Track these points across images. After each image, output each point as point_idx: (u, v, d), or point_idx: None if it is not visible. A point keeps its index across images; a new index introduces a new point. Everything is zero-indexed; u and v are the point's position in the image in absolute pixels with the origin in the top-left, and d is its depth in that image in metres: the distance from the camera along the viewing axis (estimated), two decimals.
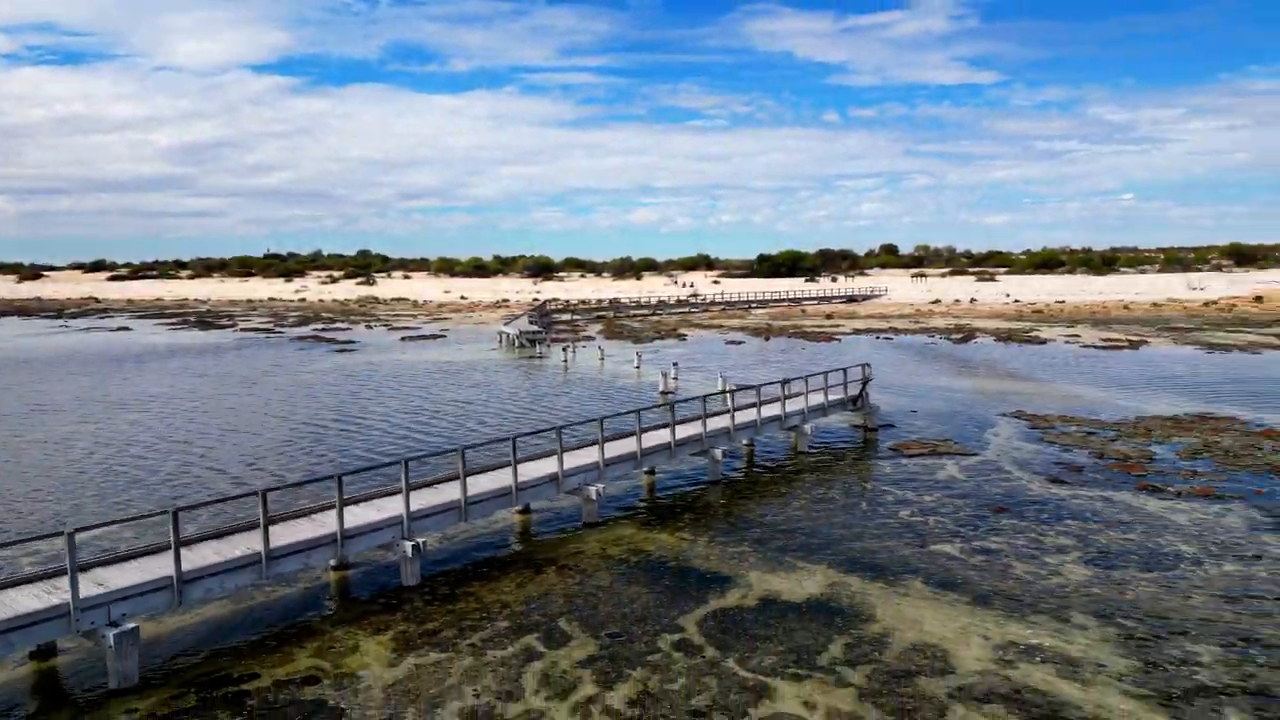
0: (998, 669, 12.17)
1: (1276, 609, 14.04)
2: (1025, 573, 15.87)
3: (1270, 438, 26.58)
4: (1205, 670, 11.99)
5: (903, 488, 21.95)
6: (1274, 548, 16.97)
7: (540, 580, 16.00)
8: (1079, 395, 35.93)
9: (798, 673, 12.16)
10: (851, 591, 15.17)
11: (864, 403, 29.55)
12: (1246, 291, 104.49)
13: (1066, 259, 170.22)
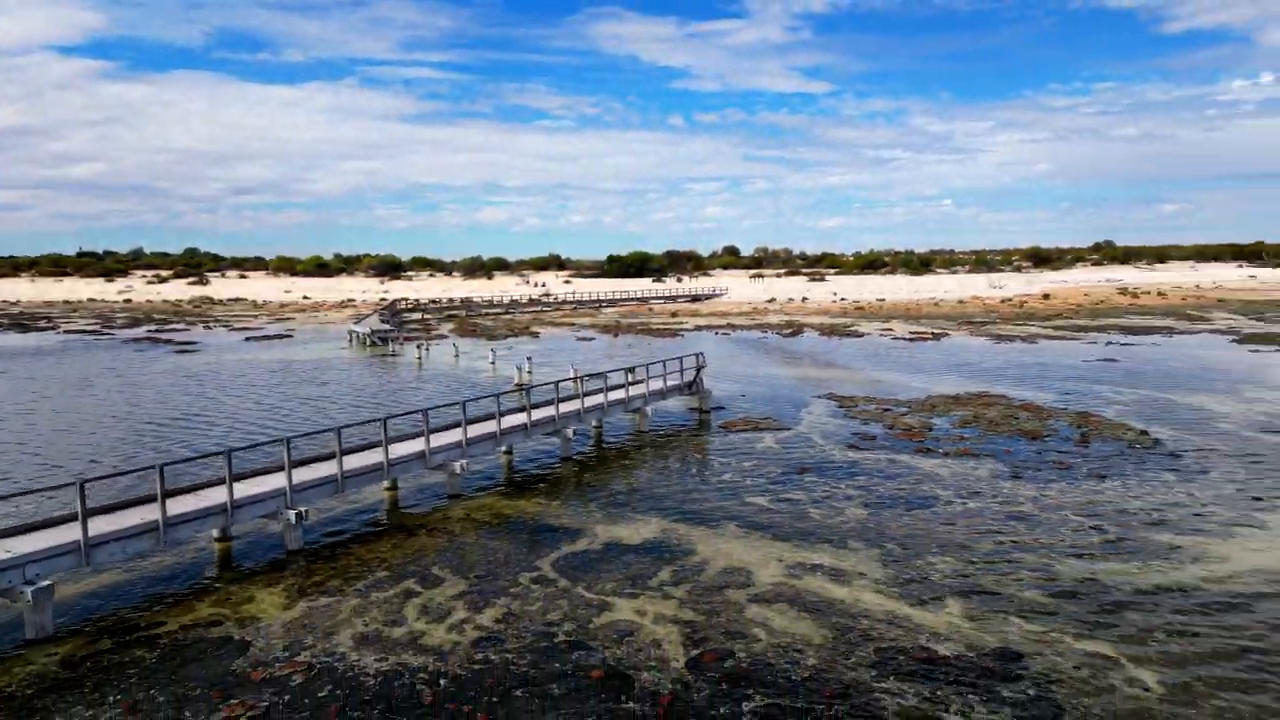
0: (787, 581, 15.58)
1: (997, 531, 18.27)
2: (817, 515, 19.56)
3: (1026, 410, 32.10)
4: (937, 575, 15.84)
5: (727, 456, 25.51)
6: (1007, 490, 21.50)
7: (413, 541, 18.23)
8: (882, 379, 41.15)
9: (633, 592, 15.12)
10: (679, 535, 18.33)
11: (698, 388, 33.13)
12: (1038, 290, 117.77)
13: (889, 260, 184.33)
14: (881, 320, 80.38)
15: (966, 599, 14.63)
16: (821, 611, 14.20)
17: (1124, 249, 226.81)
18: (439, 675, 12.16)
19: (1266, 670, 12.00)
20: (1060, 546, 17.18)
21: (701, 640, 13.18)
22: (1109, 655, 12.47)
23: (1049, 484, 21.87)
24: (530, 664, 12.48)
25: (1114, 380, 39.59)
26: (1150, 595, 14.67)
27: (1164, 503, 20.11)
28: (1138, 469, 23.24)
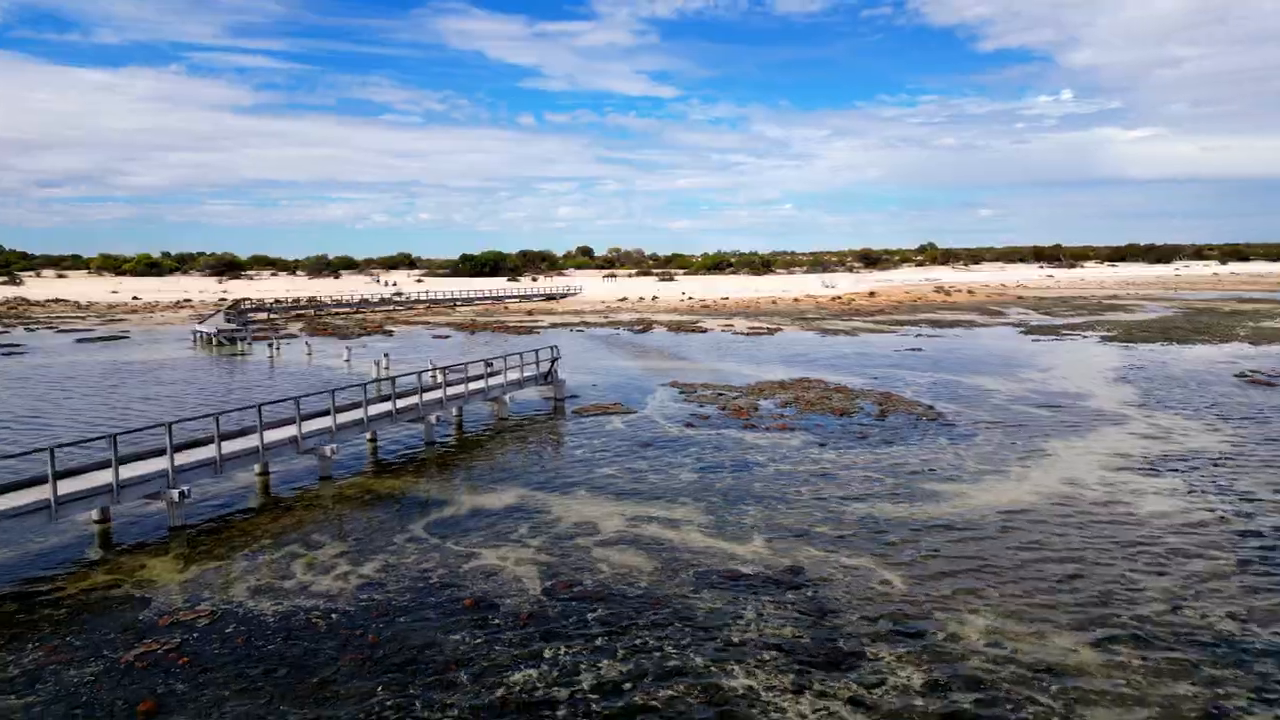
0: (627, 529, 18.52)
1: (801, 486, 21.95)
2: (655, 479, 22.67)
3: (839, 392, 36.66)
4: (749, 519, 19.22)
5: (579, 437, 28.31)
6: (814, 455, 25.38)
7: (290, 515, 19.95)
8: (721, 369, 45.17)
9: (496, 544, 17.63)
10: (536, 500, 20.95)
11: (553, 378, 35.76)
12: (865, 289, 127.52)
13: (734, 261, 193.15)
14: (725, 317, 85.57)
15: (769, 534, 18.04)
16: (654, 550, 17.20)
17: (944, 250, 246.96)
18: (330, 611, 14.28)
19: (985, 571, 15.94)
20: (849, 495, 21.01)
21: (555, 575, 15.88)
22: (870, 567, 16.11)
23: (849, 450, 25.97)
24: (410, 599, 14.79)
25: (916, 366, 45.24)
26: (911, 526, 18.58)
27: (935, 460, 24.51)
28: (920, 436, 27.79)
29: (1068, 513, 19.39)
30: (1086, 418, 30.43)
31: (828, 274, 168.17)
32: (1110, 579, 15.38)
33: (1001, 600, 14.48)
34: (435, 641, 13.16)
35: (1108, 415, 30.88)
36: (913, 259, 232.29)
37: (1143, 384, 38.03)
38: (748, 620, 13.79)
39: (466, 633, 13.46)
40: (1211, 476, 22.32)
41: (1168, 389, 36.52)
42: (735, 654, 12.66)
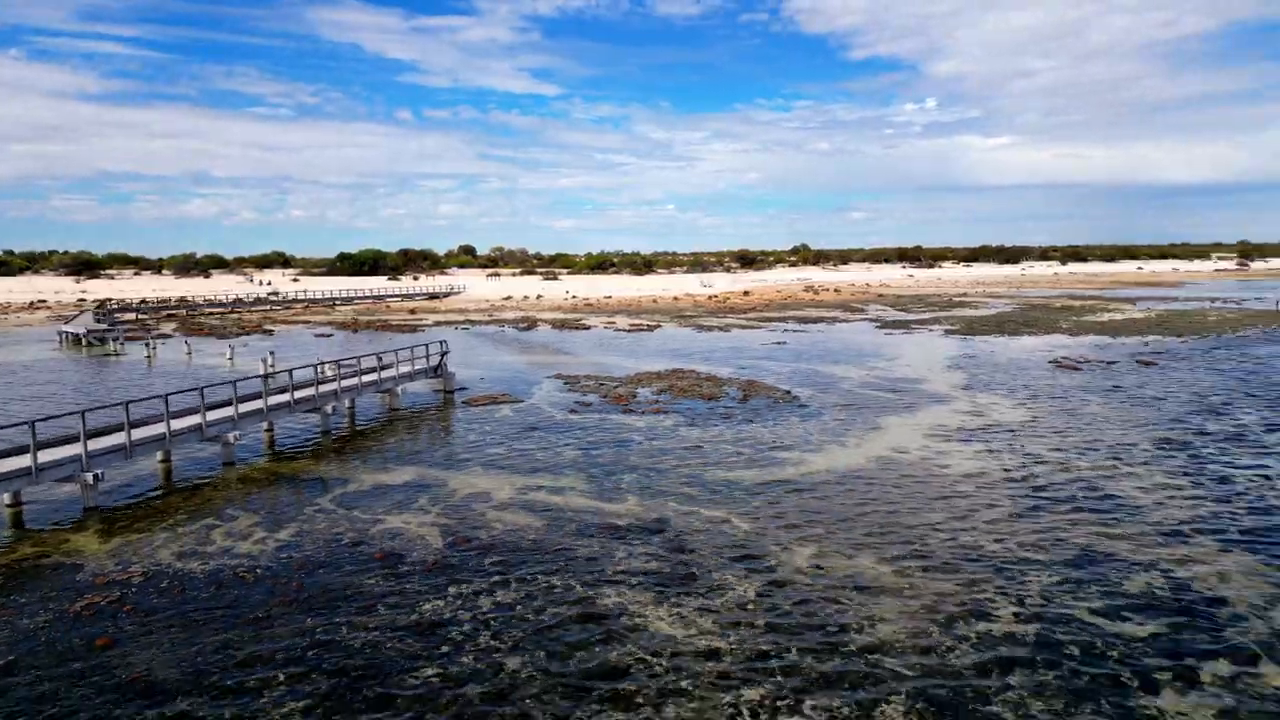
0: (517, 496, 21.04)
1: (671, 458, 24.97)
2: (542, 456, 25.24)
3: (709, 380, 40.11)
4: (625, 485, 22.05)
5: (470, 423, 30.53)
6: (684, 433, 28.49)
7: (201, 494, 21.46)
8: (603, 362, 48.03)
9: (399, 512, 19.82)
10: (433, 476, 23.16)
11: (443, 371, 37.69)
12: (740, 288, 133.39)
13: (617, 261, 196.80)
14: (608, 315, 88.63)
15: (641, 495, 20.94)
16: (541, 512, 19.80)
17: (817, 252, 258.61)
18: (254, 567, 16.21)
19: (816, 517, 19.29)
20: (711, 463, 24.18)
21: (454, 533, 18.26)
22: (724, 517, 19.23)
23: (714, 427, 29.25)
24: (326, 555, 16.87)
25: (780, 358, 49.40)
26: (761, 485, 21.86)
27: (787, 434, 28.07)
28: (776, 415, 31.40)
29: (889, 472, 23.15)
30: (918, 398, 34.88)
31: (706, 274, 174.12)
32: (913, 520, 19.02)
33: (826, 537, 17.83)
34: (354, 585, 15.36)
35: (936, 396, 35.45)
36: (787, 260, 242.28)
37: (971, 370, 43.23)
38: (619, 558, 16.60)
39: (380, 578, 15.70)
40: (1008, 442, 26.71)
41: (990, 374, 41.74)
42: (608, 581, 15.43)
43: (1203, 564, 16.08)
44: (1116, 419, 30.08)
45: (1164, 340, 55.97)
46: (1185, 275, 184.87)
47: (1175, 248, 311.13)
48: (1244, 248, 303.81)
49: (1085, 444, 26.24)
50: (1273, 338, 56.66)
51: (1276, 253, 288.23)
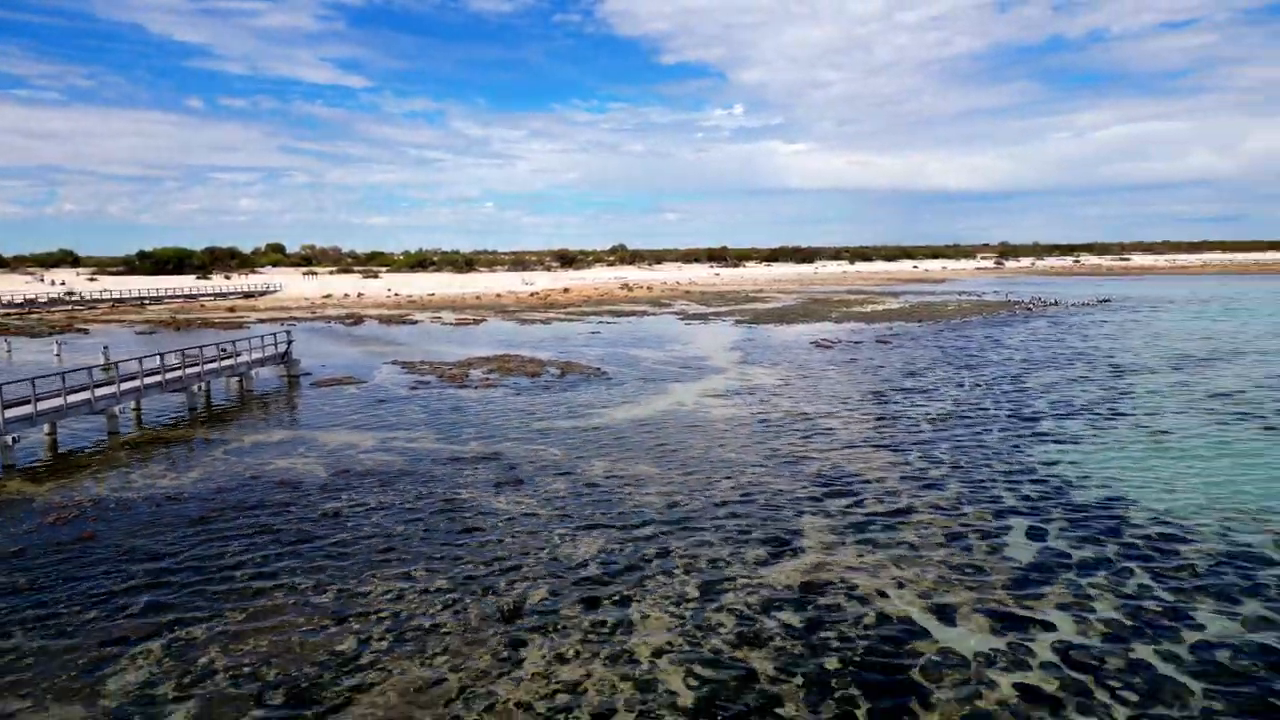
0: (380, 446, 26.65)
1: (503, 416, 31.24)
2: (394, 419, 30.79)
3: (532, 362, 46.49)
4: (467, 435, 28.12)
5: (324, 399, 35.36)
6: (511, 400, 34.78)
7: (104, 455, 25.52)
8: (435, 350, 53.28)
9: (284, 458, 24.95)
10: (304, 435, 28.23)
11: (289, 358, 41.85)
12: (561, 286, 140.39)
13: (437, 260, 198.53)
14: (433, 311, 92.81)
15: (480, 441, 27.15)
16: (402, 453, 25.57)
17: (633, 251, 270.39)
18: (179, 494, 21.08)
19: (612, 447, 26.25)
20: (535, 418, 30.67)
21: (336, 467, 23.73)
22: (544, 448, 25.81)
23: (536, 395, 35.75)
24: (236, 484, 21.96)
25: (594, 344, 56.60)
26: (574, 430, 28.58)
27: (596, 398, 35.04)
28: (589, 385, 38.33)
29: (669, 418, 30.61)
30: (701, 371, 43.02)
31: (527, 273, 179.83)
32: (679, 445, 26.40)
33: (618, 457, 24.82)
34: (267, 498, 20.68)
35: (715, 369, 43.75)
36: (605, 259, 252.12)
37: (747, 350, 52.24)
38: (467, 475, 22.82)
39: (286, 493, 21.08)
40: (760, 398, 35.00)
41: (762, 353, 50.85)
42: (460, 486, 21.65)
43: (861, 461, 24.38)
44: (844, 381, 39.33)
45: (906, 325, 68.09)
46: (951, 273, 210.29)
47: (947, 248, 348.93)
48: (1003, 248, 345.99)
49: (815, 397, 34.96)
50: (989, 322, 70.21)
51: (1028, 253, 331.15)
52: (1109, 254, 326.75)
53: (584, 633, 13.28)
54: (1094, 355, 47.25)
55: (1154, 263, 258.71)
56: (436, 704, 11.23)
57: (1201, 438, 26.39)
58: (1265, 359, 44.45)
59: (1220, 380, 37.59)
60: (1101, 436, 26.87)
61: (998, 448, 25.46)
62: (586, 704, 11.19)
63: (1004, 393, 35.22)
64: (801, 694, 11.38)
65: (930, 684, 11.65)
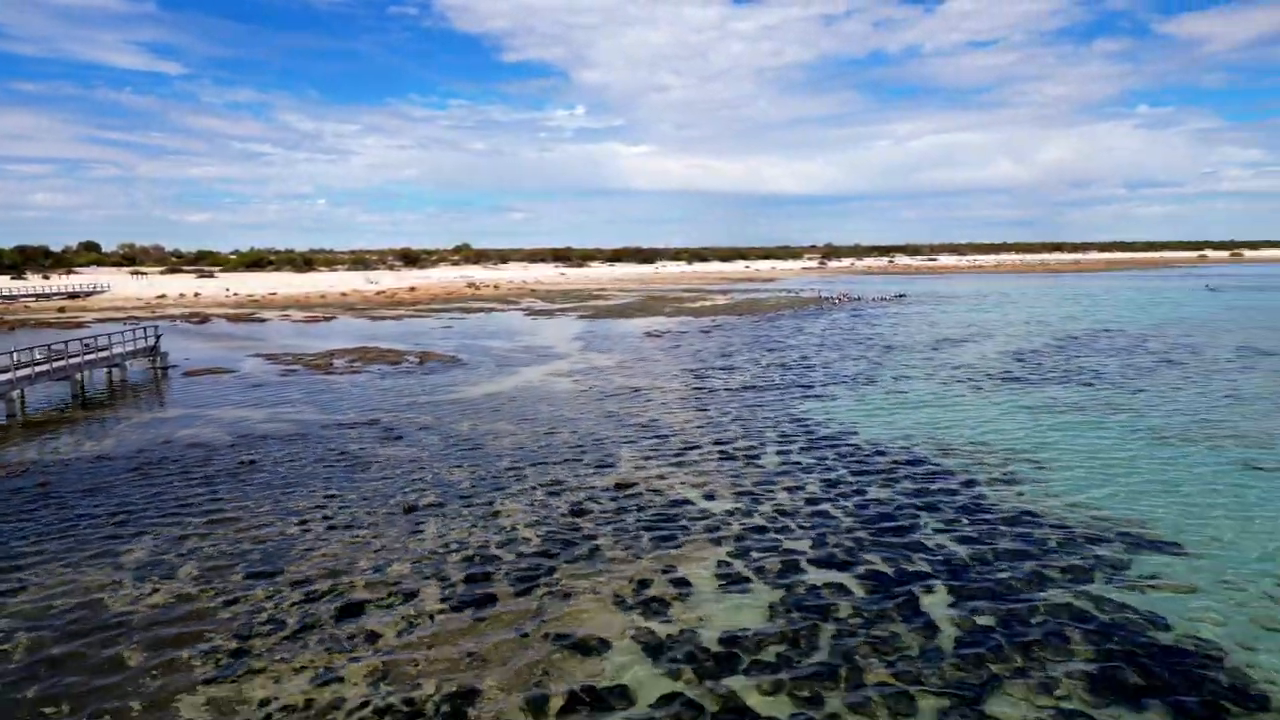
0: (269, 418, 31.05)
1: (369, 395, 36.06)
2: (274, 399, 35.01)
3: (391, 352, 50.96)
4: (344, 408, 32.89)
5: (200, 387, 38.83)
6: (377, 383, 39.53)
7: (7, 433, 28.64)
8: (294, 344, 56.52)
9: (186, 428, 29.03)
10: (198, 412, 32.13)
11: (158, 352, 44.52)
12: (406, 285, 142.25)
13: (274, 259, 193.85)
14: (279, 310, 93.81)
15: (358, 412, 32.04)
16: (291, 423, 30.14)
17: (478, 251, 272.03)
18: (108, 455, 25.06)
19: (471, 412, 31.86)
20: (403, 395, 35.72)
21: (237, 433, 28.13)
22: (414, 416, 31.08)
23: (400, 379, 40.66)
24: (154, 447, 26.07)
25: (449, 337, 61.43)
26: (439, 402, 33.90)
27: (455, 380, 40.36)
28: (447, 370, 43.53)
29: (521, 392, 36.49)
30: (548, 357, 49.09)
31: (371, 272, 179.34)
32: (529, 410, 32.36)
33: (479, 419, 30.49)
34: (186, 455, 25.04)
35: (560, 355, 49.95)
36: (450, 259, 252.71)
37: (589, 340, 58.79)
38: (352, 436, 27.87)
39: (201, 452, 25.49)
40: (597, 377, 41.47)
41: (602, 342, 57.52)
42: (350, 442, 26.73)
43: (672, 416, 31.18)
44: (669, 362, 46.50)
45: (729, 319, 76.78)
46: (779, 273, 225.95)
47: (778, 250, 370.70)
48: (827, 249, 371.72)
49: (643, 374, 41.83)
50: (799, 315, 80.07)
51: (849, 254, 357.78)
52: (920, 255, 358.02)
53: (464, 517, 19.10)
54: (874, 340, 56.92)
55: (956, 263, 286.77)
56: (368, 552, 16.79)
57: (928, 395, 35.06)
58: (1004, 341, 55.42)
59: (963, 357, 47.42)
60: (854, 395, 35.07)
61: (774, 405, 33.04)
62: (471, 549, 17.05)
63: (792, 368, 43.40)
64: (611, 538, 17.71)
65: (692, 525, 18.31)
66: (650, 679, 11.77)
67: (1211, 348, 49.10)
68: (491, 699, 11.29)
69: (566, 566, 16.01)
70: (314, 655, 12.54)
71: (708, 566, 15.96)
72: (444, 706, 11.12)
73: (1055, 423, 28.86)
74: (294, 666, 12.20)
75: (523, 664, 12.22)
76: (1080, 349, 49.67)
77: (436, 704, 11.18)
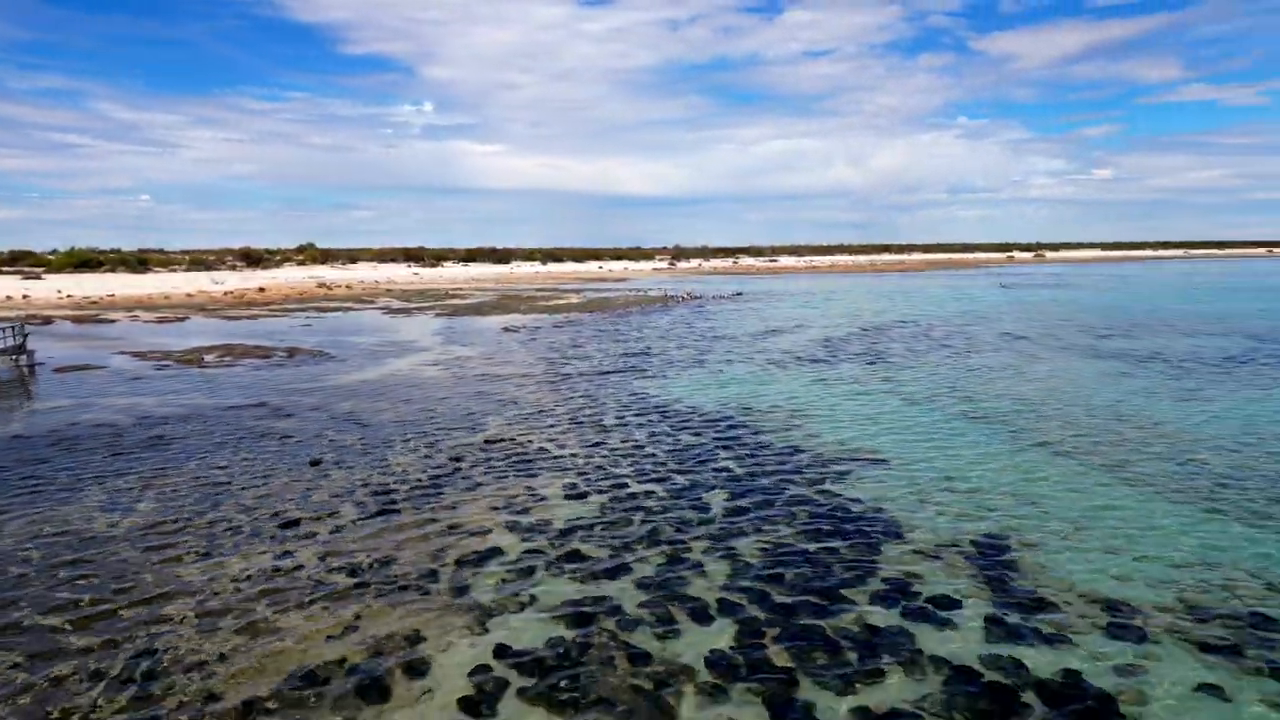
0: (160, 403, 34.19)
1: (250, 385, 39.45)
2: (161, 388, 37.83)
3: (258, 349, 53.56)
4: (231, 394, 36.32)
5: (77, 381, 40.84)
6: (253, 374, 42.72)
7: None
8: (155, 343, 57.82)
9: (85, 413, 31.92)
10: (90, 401, 34.75)
11: (24, 350, 45.62)
12: (255, 285, 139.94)
13: (105, 259, 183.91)
14: (125, 311, 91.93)
15: (245, 396, 35.59)
16: (184, 407, 33.44)
17: (324, 250, 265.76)
18: (16, 434, 27.94)
19: (349, 397, 36.09)
20: (281, 384, 39.30)
21: (136, 415, 31.29)
22: (300, 399, 35.03)
23: (274, 370, 43.95)
24: (62, 428, 29.03)
25: (311, 334, 64.07)
26: (318, 389, 37.80)
27: (327, 371, 44.09)
28: (317, 363, 47.04)
29: (390, 379, 40.85)
30: (412, 350, 53.29)
31: (216, 272, 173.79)
32: (398, 394, 36.90)
33: (358, 401, 34.79)
34: (94, 434, 28.28)
35: (424, 348, 54.24)
36: (294, 258, 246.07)
37: (450, 335, 63.16)
38: (246, 415, 31.68)
39: (109, 431, 28.73)
40: (461, 365, 46.25)
41: (461, 337, 62.03)
42: (244, 420, 30.61)
43: (528, 394, 36.54)
44: (525, 353, 51.78)
45: (581, 316, 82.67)
46: (631, 273, 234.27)
47: (630, 250, 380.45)
48: (676, 251, 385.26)
49: (502, 363, 46.95)
50: (645, 311, 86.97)
51: (697, 255, 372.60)
52: (762, 256, 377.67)
53: (363, 467, 23.88)
54: (709, 332, 64.31)
55: (795, 263, 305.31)
56: (289, 491, 21.37)
57: (745, 374, 42.10)
58: (819, 331, 64.04)
59: (780, 344, 55.23)
60: (684, 375, 41.67)
61: (617, 384, 39.09)
62: (373, 485, 21.92)
63: (635, 355, 49.74)
64: (484, 473, 22.99)
65: (547, 464, 23.90)
66: (516, 544, 17.32)
67: (981, 335, 59.30)
68: (409, 561, 16.51)
69: (451, 491, 21.27)
70: (269, 547, 17.29)
71: (558, 487, 21.63)
72: (376, 568, 16.23)
73: (838, 391, 36.36)
74: (257, 552, 16.92)
75: (427, 542, 17.48)
76: (879, 337, 58.72)
77: (369, 566, 16.28)
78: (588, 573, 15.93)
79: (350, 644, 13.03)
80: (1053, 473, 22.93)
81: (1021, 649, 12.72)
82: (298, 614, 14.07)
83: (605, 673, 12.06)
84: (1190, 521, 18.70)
